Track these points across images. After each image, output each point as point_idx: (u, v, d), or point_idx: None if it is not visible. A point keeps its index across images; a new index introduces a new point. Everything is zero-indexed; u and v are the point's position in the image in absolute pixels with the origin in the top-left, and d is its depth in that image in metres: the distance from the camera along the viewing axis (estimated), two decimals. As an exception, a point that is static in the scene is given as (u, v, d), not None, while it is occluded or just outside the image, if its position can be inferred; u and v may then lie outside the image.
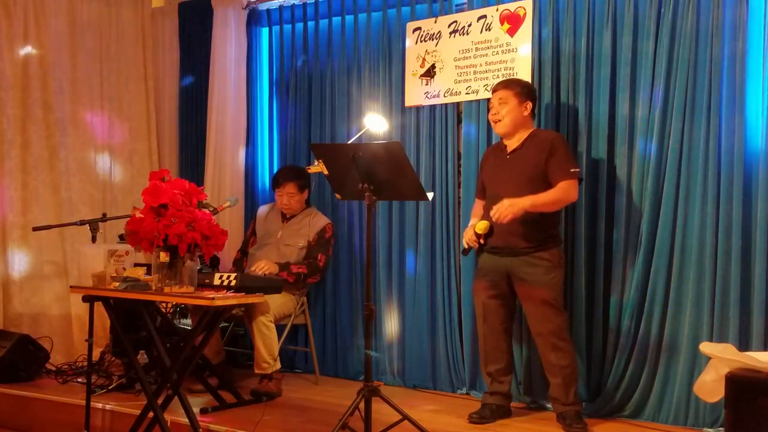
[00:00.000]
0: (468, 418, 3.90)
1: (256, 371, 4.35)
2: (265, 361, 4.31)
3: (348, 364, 5.02)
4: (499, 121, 3.90)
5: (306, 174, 4.84)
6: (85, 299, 3.84)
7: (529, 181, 3.79)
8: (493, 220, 3.70)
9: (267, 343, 4.31)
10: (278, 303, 4.47)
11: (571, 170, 3.76)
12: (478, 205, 4.09)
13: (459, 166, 4.58)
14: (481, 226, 3.85)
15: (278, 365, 4.37)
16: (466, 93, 4.52)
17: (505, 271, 3.87)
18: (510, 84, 3.94)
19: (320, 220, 4.83)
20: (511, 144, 3.93)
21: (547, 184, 3.79)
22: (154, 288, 3.61)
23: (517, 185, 3.80)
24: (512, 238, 3.79)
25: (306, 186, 4.87)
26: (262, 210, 5.05)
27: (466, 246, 3.92)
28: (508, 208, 3.64)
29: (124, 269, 3.84)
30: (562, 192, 3.75)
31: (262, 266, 4.51)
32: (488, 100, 4.38)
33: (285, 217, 4.88)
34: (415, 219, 4.74)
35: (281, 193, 4.81)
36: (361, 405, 3.36)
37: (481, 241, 3.86)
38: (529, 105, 3.91)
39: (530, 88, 3.99)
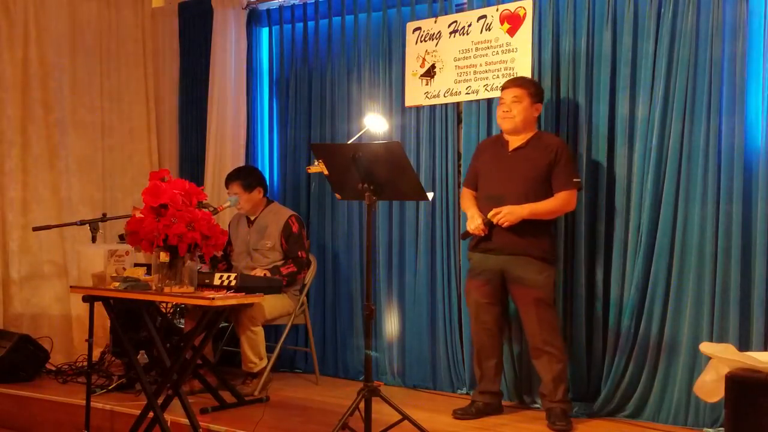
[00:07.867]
0: (452, 414, 3.94)
1: (244, 369, 4.43)
2: (251, 361, 4.40)
3: (348, 364, 5.01)
4: (510, 118, 3.90)
5: (254, 172, 4.81)
6: (85, 299, 3.84)
7: (529, 181, 3.83)
8: (493, 222, 3.79)
9: (252, 345, 4.39)
10: (274, 303, 4.47)
11: (574, 180, 3.83)
12: (468, 194, 4.08)
13: (459, 166, 4.57)
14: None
15: (265, 362, 4.44)
16: (466, 93, 4.52)
17: (500, 270, 3.89)
18: (525, 83, 3.96)
19: (281, 216, 4.73)
20: (514, 141, 3.94)
21: (547, 187, 3.83)
22: (154, 288, 3.61)
23: (516, 184, 3.84)
24: (506, 238, 3.82)
25: (255, 184, 4.73)
26: (233, 218, 4.96)
27: (471, 230, 3.89)
28: (507, 215, 3.74)
29: (124, 269, 3.84)
30: (562, 202, 3.82)
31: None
32: (488, 99, 4.41)
33: (250, 221, 4.81)
34: (415, 219, 4.74)
35: (230, 195, 4.73)
36: (361, 405, 3.36)
37: (486, 232, 3.86)
38: (539, 107, 3.96)
39: (542, 91, 4.03)
